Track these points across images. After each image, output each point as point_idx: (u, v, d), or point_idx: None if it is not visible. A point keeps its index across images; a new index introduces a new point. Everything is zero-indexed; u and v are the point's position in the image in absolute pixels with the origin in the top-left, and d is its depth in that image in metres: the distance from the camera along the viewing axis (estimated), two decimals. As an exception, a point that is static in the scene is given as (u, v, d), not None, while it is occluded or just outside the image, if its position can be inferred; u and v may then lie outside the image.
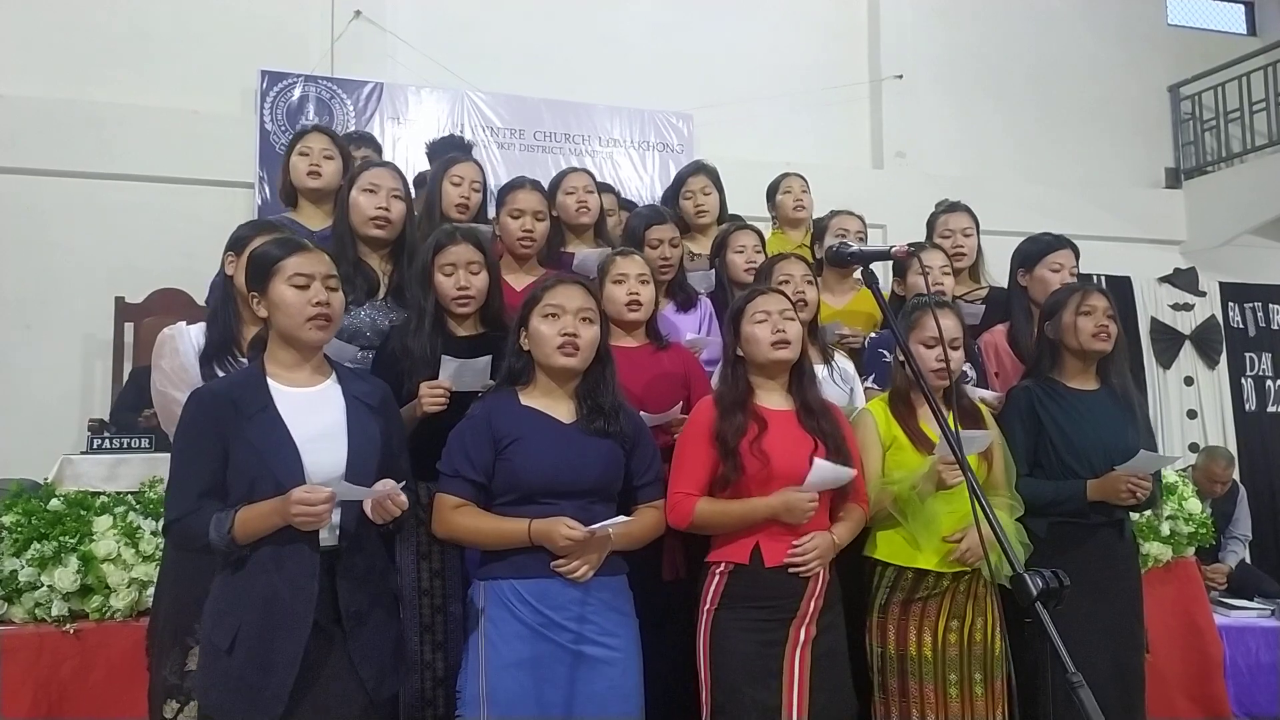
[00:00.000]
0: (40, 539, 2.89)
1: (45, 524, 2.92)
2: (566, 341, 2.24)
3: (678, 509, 2.37)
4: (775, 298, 2.54)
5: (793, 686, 2.31)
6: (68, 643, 2.85)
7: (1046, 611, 1.49)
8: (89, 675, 2.85)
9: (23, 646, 2.81)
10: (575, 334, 2.25)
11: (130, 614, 2.93)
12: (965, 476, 1.75)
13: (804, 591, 2.36)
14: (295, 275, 2.02)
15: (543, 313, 2.27)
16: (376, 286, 2.83)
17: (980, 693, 2.52)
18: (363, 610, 2.01)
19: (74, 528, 2.93)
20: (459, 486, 2.20)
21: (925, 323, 2.62)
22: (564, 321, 2.25)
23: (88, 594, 2.91)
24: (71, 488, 3.17)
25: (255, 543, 1.93)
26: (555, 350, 2.24)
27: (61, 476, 3.27)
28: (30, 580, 2.85)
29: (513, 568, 2.17)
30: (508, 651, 2.13)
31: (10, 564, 2.87)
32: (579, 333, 2.26)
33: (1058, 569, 1.53)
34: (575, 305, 2.28)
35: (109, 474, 3.30)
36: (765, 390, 2.50)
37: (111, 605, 2.90)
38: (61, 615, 2.86)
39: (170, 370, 2.38)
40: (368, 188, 2.84)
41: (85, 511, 3.01)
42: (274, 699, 1.88)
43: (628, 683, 2.20)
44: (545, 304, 2.28)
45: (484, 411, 2.27)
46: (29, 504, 2.98)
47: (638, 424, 2.38)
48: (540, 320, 2.27)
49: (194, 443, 1.99)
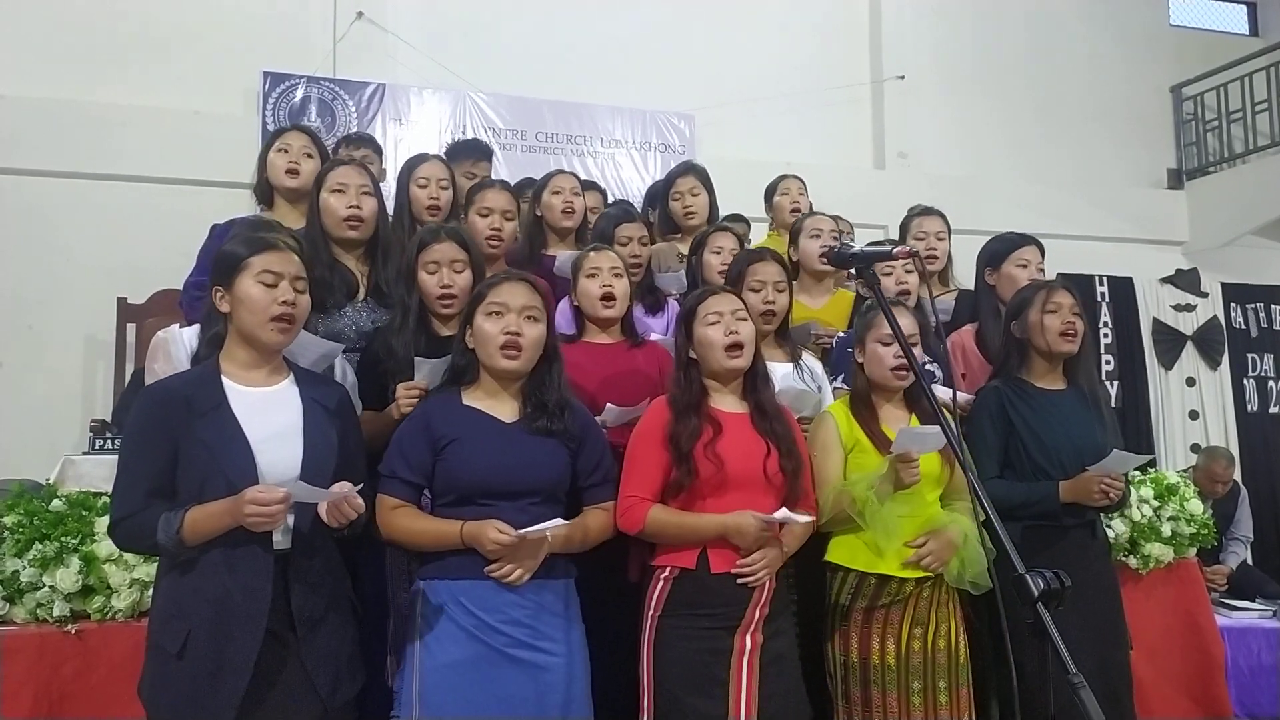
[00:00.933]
0: (42, 539, 2.89)
1: (47, 524, 2.92)
2: (509, 342, 2.19)
3: (629, 514, 2.32)
4: (727, 298, 2.49)
5: (740, 695, 2.26)
6: (69, 643, 2.85)
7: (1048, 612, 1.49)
8: (90, 676, 2.85)
9: (24, 647, 2.81)
10: (518, 333, 2.20)
11: (132, 615, 2.92)
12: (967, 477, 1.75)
13: (749, 599, 2.31)
14: (264, 273, 1.99)
15: (486, 310, 2.22)
16: (355, 288, 2.79)
17: (944, 700, 2.47)
18: (316, 615, 1.97)
19: (76, 528, 2.93)
20: (396, 487, 2.18)
21: (879, 320, 2.58)
22: (507, 320, 2.20)
23: (89, 594, 2.90)
24: (73, 488, 3.17)
25: (205, 544, 1.88)
26: (497, 350, 2.20)
27: (63, 477, 3.27)
28: (32, 580, 2.85)
29: (447, 569, 2.14)
30: (441, 653, 2.11)
31: (12, 564, 2.87)
32: (522, 331, 2.20)
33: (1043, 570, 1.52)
34: (520, 303, 2.22)
35: (111, 474, 3.25)
36: (719, 393, 2.47)
37: (113, 606, 2.90)
38: (63, 616, 2.86)
39: (164, 373, 2.35)
40: (336, 188, 2.79)
41: (87, 512, 3.00)
42: (225, 705, 1.84)
43: (573, 688, 2.16)
44: (489, 301, 2.23)
45: (424, 412, 2.25)
46: (31, 504, 2.98)
47: (585, 422, 2.33)
48: (484, 318, 2.22)
49: (143, 440, 1.95)
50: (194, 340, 2.38)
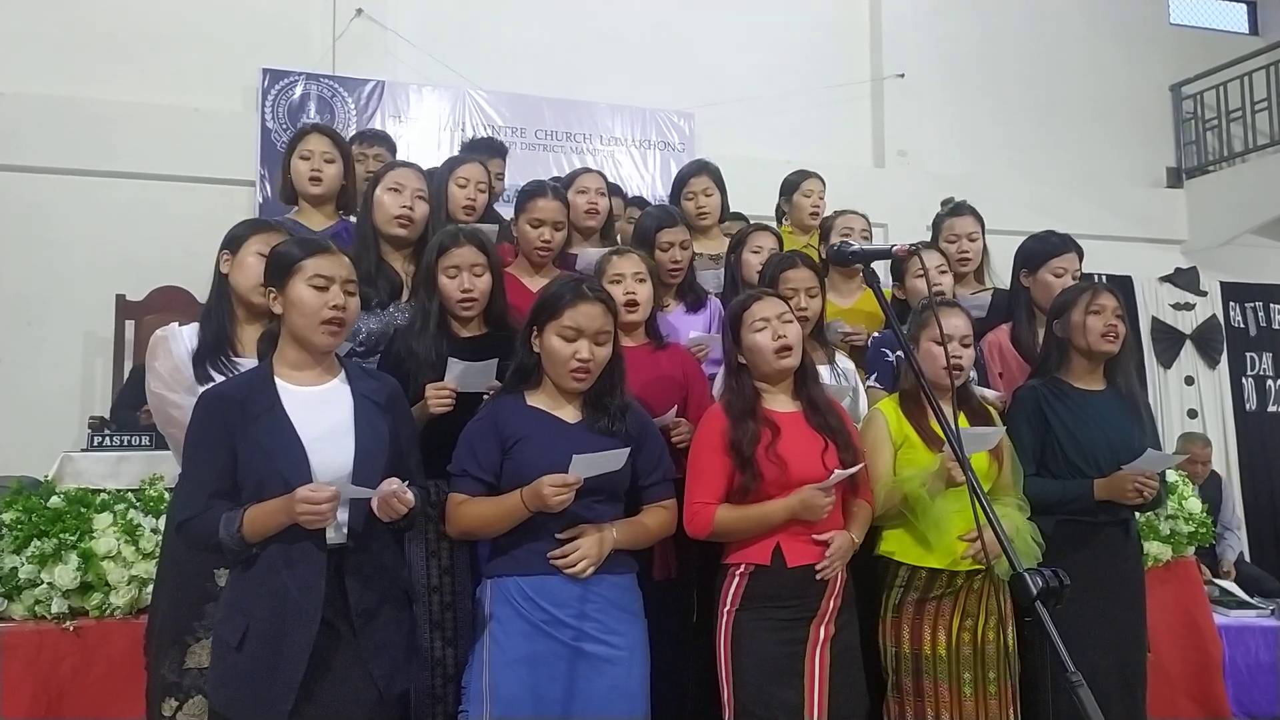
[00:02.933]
0: (40, 536, 2.89)
1: (45, 521, 2.92)
2: (580, 368, 2.23)
3: (697, 519, 2.38)
4: (773, 302, 2.53)
5: (814, 685, 2.32)
6: (68, 640, 2.85)
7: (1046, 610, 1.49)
8: (89, 672, 2.85)
9: (23, 644, 2.81)
10: (589, 359, 2.23)
11: (130, 612, 2.93)
12: (966, 476, 1.75)
13: (824, 590, 2.38)
14: (316, 276, 2.02)
15: (559, 330, 2.23)
16: (399, 288, 2.83)
17: (994, 691, 2.53)
18: (372, 608, 2.01)
19: (74, 525, 2.94)
20: (468, 485, 2.22)
21: (933, 321, 2.63)
22: (579, 345, 2.22)
23: (88, 591, 2.91)
24: (72, 485, 3.17)
25: (265, 541, 1.94)
26: (568, 374, 2.24)
27: (62, 474, 3.27)
28: (30, 577, 2.86)
29: (515, 564, 2.19)
30: (510, 648, 2.14)
31: (10, 561, 2.87)
32: (594, 356, 2.24)
33: (1059, 568, 1.53)
34: (594, 328, 2.24)
35: (109, 471, 3.30)
36: (771, 394, 2.51)
37: (111, 603, 2.90)
38: (61, 612, 2.86)
39: (164, 371, 2.36)
40: (393, 187, 2.85)
41: (85, 509, 3.01)
42: (282, 696, 1.89)
43: (631, 682, 2.20)
44: (564, 323, 2.23)
45: (491, 412, 2.29)
46: (29, 501, 2.98)
47: (644, 424, 2.38)
48: (555, 337, 2.24)
49: (203, 444, 2.00)
50: (193, 338, 2.39)
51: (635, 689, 2.20)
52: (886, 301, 2.07)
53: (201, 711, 2.26)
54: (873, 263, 2.10)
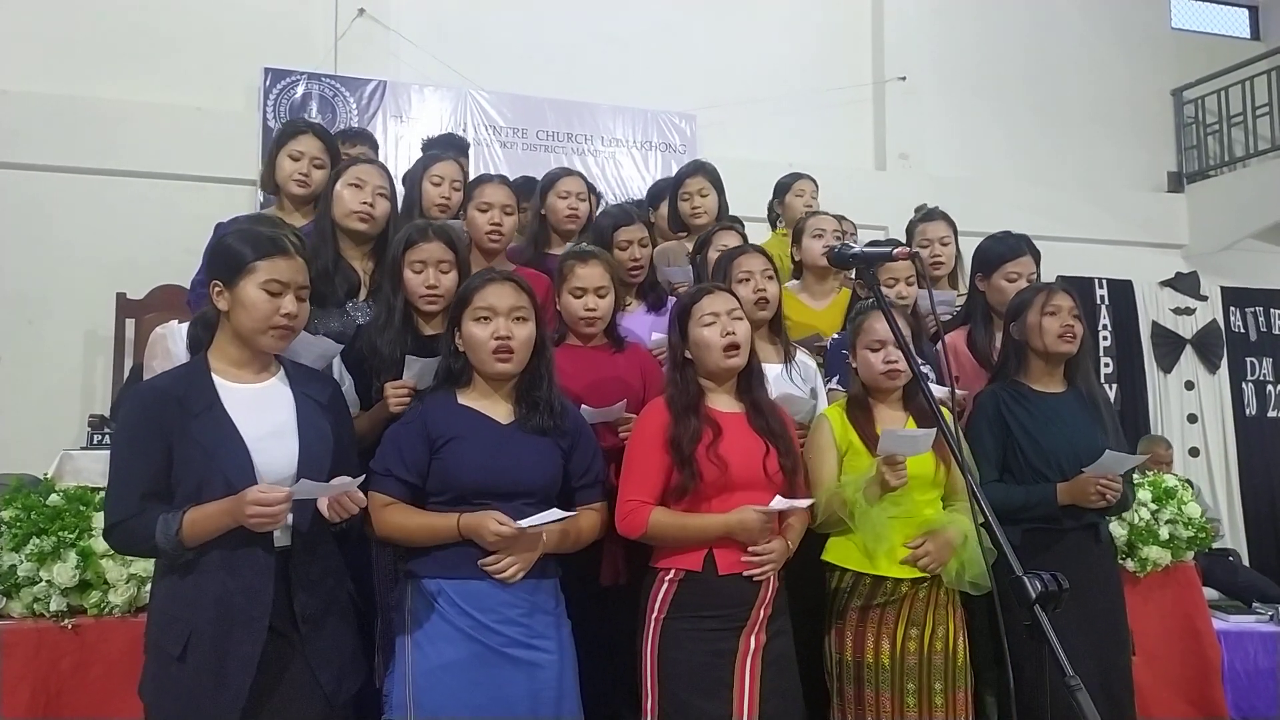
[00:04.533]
0: (39, 534, 2.89)
1: (44, 519, 2.92)
2: (500, 346, 2.19)
3: (631, 518, 2.31)
4: (723, 297, 2.46)
5: (743, 696, 2.26)
6: (66, 638, 2.85)
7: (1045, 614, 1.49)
8: (87, 671, 2.84)
9: (21, 642, 2.80)
10: (509, 336, 2.20)
11: (129, 610, 2.91)
12: (966, 479, 1.75)
13: (755, 599, 2.31)
14: (271, 281, 1.95)
15: (474, 315, 2.22)
16: (357, 286, 2.79)
17: (940, 703, 2.46)
18: (318, 613, 1.96)
19: (73, 523, 2.93)
20: (390, 485, 2.16)
21: (869, 327, 2.60)
22: (496, 324, 2.20)
23: (86, 589, 2.90)
24: (71, 483, 3.17)
25: (205, 545, 1.86)
26: (490, 356, 2.20)
27: (61, 471, 3.27)
28: (29, 575, 2.85)
29: (440, 565, 2.13)
30: (434, 653, 2.09)
31: (9, 559, 2.87)
32: (513, 334, 2.21)
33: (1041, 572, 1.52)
34: (507, 304, 2.21)
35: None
36: (714, 392, 2.45)
37: (110, 601, 2.89)
38: (60, 611, 2.86)
39: (163, 369, 2.34)
40: (354, 182, 2.81)
41: (85, 507, 3.00)
42: (229, 707, 1.83)
43: (562, 686, 2.16)
44: (475, 306, 2.22)
45: (419, 412, 2.24)
46: (28, 499, 2.98)
47: (578, 422, 2.33)
48: (472, 323, 2.22)
49: (136, 442, 1.91)
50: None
51: (565, 692, 2.16)
52: (886, 303, 2.07)
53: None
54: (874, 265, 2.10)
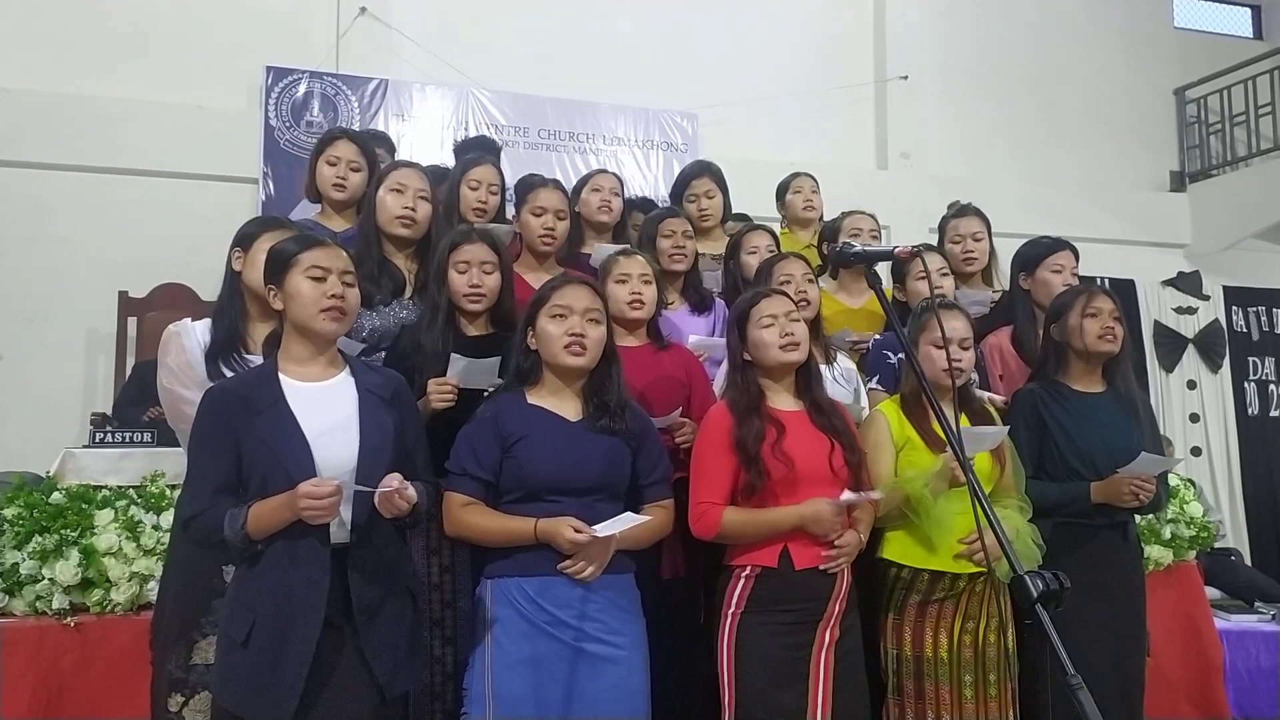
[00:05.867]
0: (42, 532, 2.89)
1: (47, 517, 2.92)
2: (574, 341, 2.26)
3: (704, 519, 2.38)
4: (779, 300, 2.53)
5: (818, 689, 2.32)
6: (68, 636, 2.85)
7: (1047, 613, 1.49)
8: (90, 669, 2.85)
9: (24, 639, 2.81)
10: (582, 334, 2.26)
11: (131, 608, 2.93)
12: (967, 477, 1.75)
13: (830, 594, 2.38)
14: (312, 267, 2.03)
15: (550, 313, 2.29)
16: (403, 286, 2.85)
17: (994, 694, 2.53)
18: (374, 605, 2.00)
19: (75, 521, 2.93)
20: (466, 485, 2.22)
21: (933, 324, 2.63)
22: (571, 322, 2.27)
23: (89, 587, 2.91)
24: (73, 481, 3.17)
25: (270, 538, 1.94)
26: (563, 350, 2.26)
27: (63, 470, 3.27)
28: (31, 573, 2.86)
29: (517, 566, 2.19)
30: (512, 649, 2.15)
31: (12, 557, 2.88)
32: (586, 332, 2.27)
33: (1058, 570, 1.53)
34: (583, 305, 2.29)
35: (111, 468, 3.29)
36: (774, 393, 2.51)
37: (112, 599, 2.90)
38: (62, 608, 2.87)
39: (176, 367, 2.37)
40: (395, 187, 2.87)
41: (87, 505, 3.01)
42: (287, 694, 1.89)
43: (633, 681, 2.20)
44: (553, 304, 2.30)
45: (491, 411, 2.29)
46: (31, 497, 2.99)
47: (644, 423, 2.39)
48: (548, 320, 2.29)
49: (207, 440, 2.01)
50: (205, 333, 2.40)
51: (636, 688, 2.21)
52: (888, 302, 2.07)
53: (207, 707, 2.26)
54: (875, 264, 2.10)
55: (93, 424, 3.79)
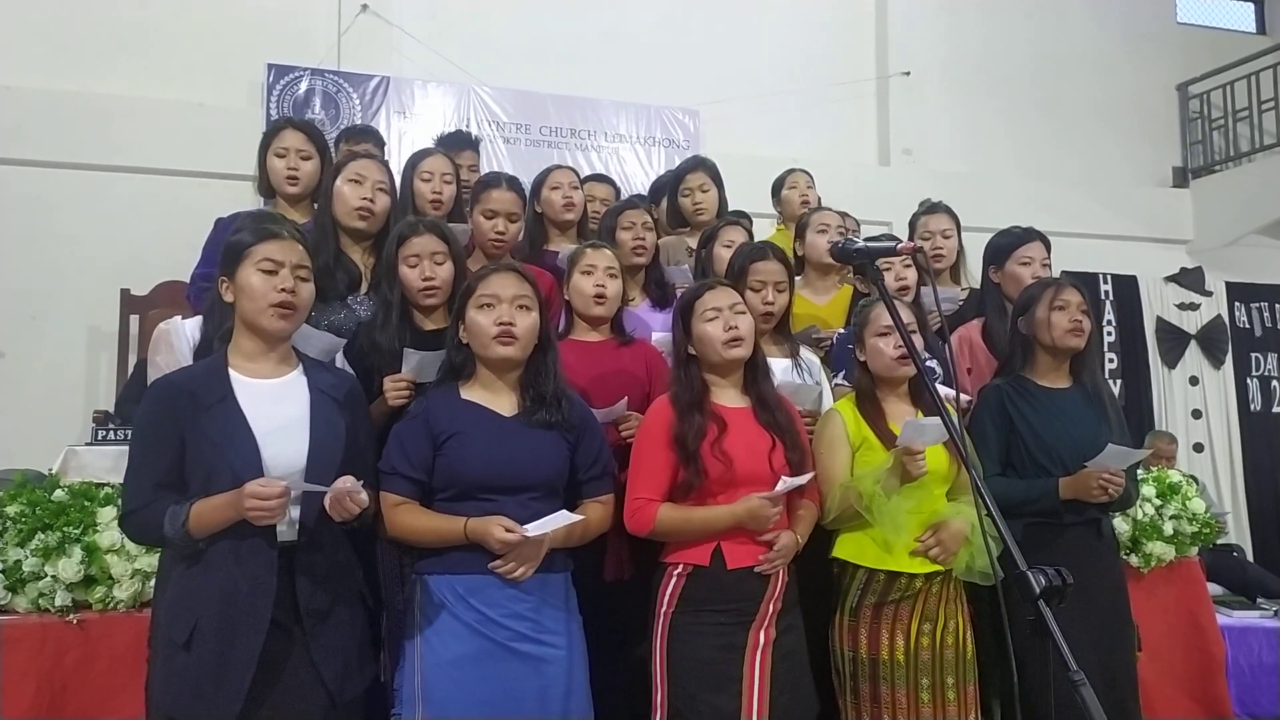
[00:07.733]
0: (44, 529, 2.89)
1: (49, 514, 2.92)
2: (502, 331, 2.19)
3: (639, 515, 2.32)
4: (725, 292, 2.47)
5: (753, 691, 2.25)
6: (71, 633, 2.86)
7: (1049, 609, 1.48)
8: (92, 666, 2.85)
9: (26, 636, 2.82)
10: (511, 322, 2.20)
11: (133, 605, 2.93)
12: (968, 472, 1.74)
13: (764, 594, 2.32)
14: (264, 260, 1.97)
15: (478, 303, 2.22)
16: (358, 281, 2.78)
17: (952, 697, 2.45)
18: (323, 608, 1.96)
19: (78, 518, 2.93)
20: (398, 484, 2.16)
21: (876, 315, 2.58)
22: (499, 310, 2.20)
23: (91, 585, 2.91)
24: (75, 479, 3.18)
25: (214, 536, 1.88)
26: (492, 340, 2.19)
27: (66, 467, 3.27)
28: (34, 570, 2.86)
29: (448, 564, 2.13)
30: (442, 649, 2.09)
31: (14, 554, 2.88)
32: (515, 320, 2.20)
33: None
34: (510, 293, 2.22)
35: (113, 465, 3.29)
36: (720, 388, 2.45)
37: (114, 596, 2.90)
38: (65, 606, 2.87)
39: (166, 365, 2.34)
40: (353, 178, 2.80)
41: (89, 502, 3.01)
42: (231, 698, 1.83)
43: (572, 680, 2.16)
44: (480, 294, 2.23)
45: (422, 407, 2.24)
46: (33, 494, 2.99)
47: (584, 414, 2.32)
48: (476, 311, 2.22)
49: (150, 434, 1.95)
50: (196, 332, 2.38)
51: (575, 687, 2.16)
52: (889, 296, 2.06)
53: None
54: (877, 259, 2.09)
55: (95, 421, 3.79)
